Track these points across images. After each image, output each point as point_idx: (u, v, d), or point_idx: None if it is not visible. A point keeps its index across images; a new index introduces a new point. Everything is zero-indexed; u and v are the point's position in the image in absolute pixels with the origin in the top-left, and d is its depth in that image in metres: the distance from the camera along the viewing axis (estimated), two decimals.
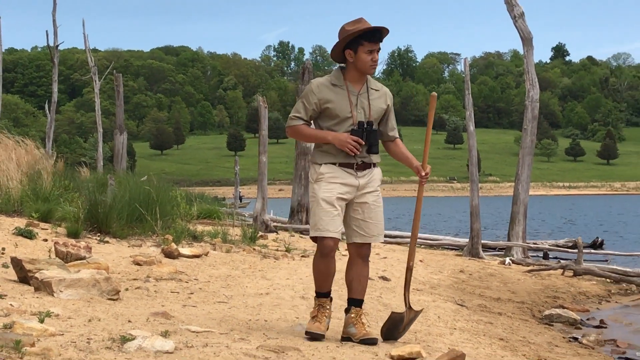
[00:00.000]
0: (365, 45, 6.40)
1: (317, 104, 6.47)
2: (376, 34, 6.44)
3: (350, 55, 6.47)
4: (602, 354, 9.64)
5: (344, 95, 6.47)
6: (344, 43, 6.46)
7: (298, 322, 7.35)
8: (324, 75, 6.62)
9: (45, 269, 7.53)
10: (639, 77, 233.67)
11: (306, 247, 16.14)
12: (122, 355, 5.10)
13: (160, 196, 13.91)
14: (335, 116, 6.47)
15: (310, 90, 6.51)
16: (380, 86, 6.72)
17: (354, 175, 6.47)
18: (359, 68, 6.48)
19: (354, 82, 6.53)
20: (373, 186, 6.56)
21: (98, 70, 43.51)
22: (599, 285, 16.11)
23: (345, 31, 6.44)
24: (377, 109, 6.58)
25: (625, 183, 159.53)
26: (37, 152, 16.76)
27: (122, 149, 33.48)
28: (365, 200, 6.52)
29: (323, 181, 6.45)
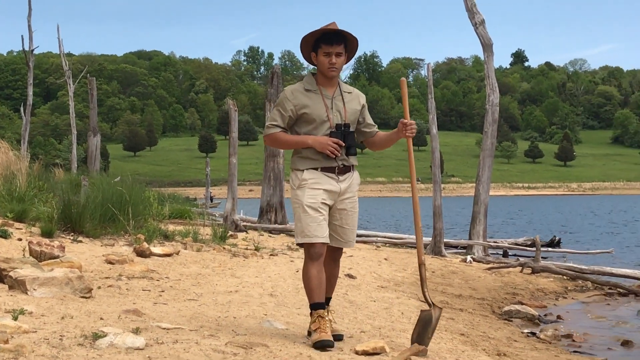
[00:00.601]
0: (322, 47, 6.29)
1: (293, 111, 6.33)
2: (332, 36, 6.29)
3: (314, 58, 6.40)
4: (559, 349, 9.69)
5: (318, 99, 6.35)
6: (304, 46, 6.40)
7: (266, 318, 7.34)
8: (294, 80, 6.49)
9: (19, 267, 7.49)
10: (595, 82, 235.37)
11: (275, 246, 16.13)
12: (93, 351, 5.08)
13: (133, 196, 13.84)
14: (312, 121, 6.34)
15: (285, 98, 6.37)
16: (351, 89, 6.62)
17: (336, 179, 6.35)
18: (320, 71, 6.40)
19: (326, 86, 6.41)
20: (352, 191, 6.46)
21: (72, 74, 43.37)
22: (556, 282, 16.20)
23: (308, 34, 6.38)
24: (352, 110, 6.47)
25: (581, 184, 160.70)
26: (12, 153, 16.65)
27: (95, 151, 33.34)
28: (343, 207, 6.42)
29: (306, 187, 6.30)
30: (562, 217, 52.26)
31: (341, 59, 6.34)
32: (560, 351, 9.45)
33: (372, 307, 9.42)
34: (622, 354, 9.92)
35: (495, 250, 22.36)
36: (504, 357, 7.83)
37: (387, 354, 6.11)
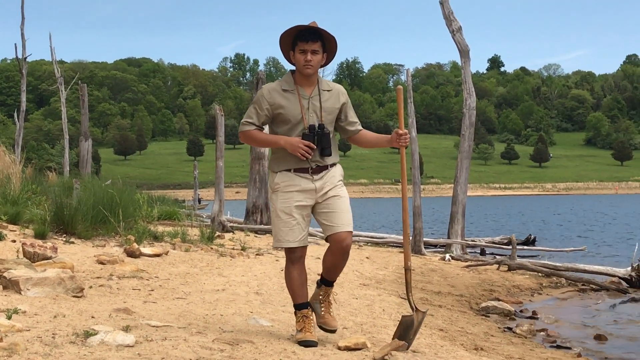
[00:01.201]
0: (299, 45, 6.07)
1: (268, 110, 6.14)
2: (308, 34, 6.07)
3: (292, 57, 6.19)
4: (534, 343, 9.73)
5: (295, 100, 6.13)
6: (283, 45, 6.22)
7: (252, 316, 7.34)
8: (276, 81, 6.42)
9: (13, 268, 7.48)
10: (568, 86, 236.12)
11: (260, 245, 16.12)
12: (85, 349, 5.07)
13: (123, 199, 13.83)
14: (287, 121, 6.13)
15: (262, 96, 6.18)
16: (332, 86, 6.34)
17: (310, 179, 6.13)
18: (297, 69, 6.16)
19: (304, 85, 6.18)
20: (333, 182, 6.18)
21: (64, 80, 43.21)
22: (532, 279, 16.24)
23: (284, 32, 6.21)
24: (330, 109, 6.22)
25: (555, 184, 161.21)
26: (6, 158, 16.59)
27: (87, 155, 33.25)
28: (328, 195, 6.15)
29: (279, 191, 6.17)
30: (537, 216, 52.38)
31: (317, 57, 6.11)
32: (535, 345, 9.48)
33: (354, 304, 9.43)
34: (595, 347, 9.96)
35: (473, 249, 22.40)
36: (481, 351, 7.85)
37: (368, 349, 6.12)
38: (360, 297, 10.23)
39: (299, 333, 6.21)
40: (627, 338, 10.69)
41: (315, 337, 6.18)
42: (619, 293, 15.22)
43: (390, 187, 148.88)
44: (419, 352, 6.32)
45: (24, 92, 37.00)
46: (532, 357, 8.09)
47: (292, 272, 6.28)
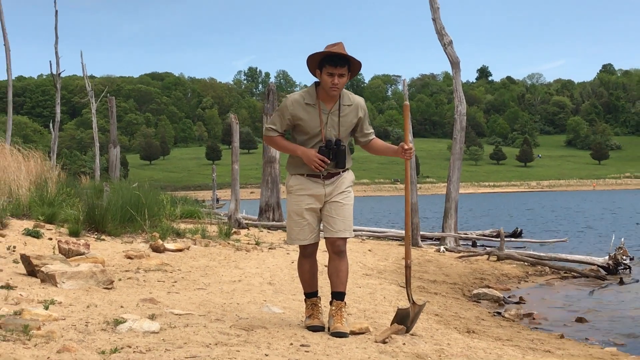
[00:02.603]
0: (327, 67, 5.89)
1: (290, 120, 6.04)
2: (337, 59, 5.89)
3: (318, 75, 6.01)
4: (521, 326, 9.71)
5: (315, 114, 5.99)
6: (311, 62, 6.03)
7: (265, 304, 7.34)
8: (299, 91, 6.33)
9: (50, 263, 7.49)
10: (550, 93, 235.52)
11: (273, 240, 16.12)
12: (115, 335, 5.08)
13: (149, 200, 13.86)
14: (306, 132, 6.03)
15: (285, 106, 6.06)
16: (352, 100, 6.18)
17: (322, 184, 6.08)
18: (323, 87, 5.99)
19: (326, 100, 6.03)
20: (341, 188, 6.12)
21: (94, 93, 43.23)
22: (519, 268, 16.21)
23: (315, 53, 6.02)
24: (347, 124, 6.11)
25: (539, 182, 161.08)
26: (43, 164, 16.62)
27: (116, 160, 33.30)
28: (334, 200, 6.09)
29: (292, 194, 6.13)
30: (524, 211, 52.31)
31: (343, 80, 5.96)
32: (522, 328, 9.47)
33: (358, 293, 9.42)
34: (576, 329, 9.94)
35: (465, 241, 22.37)
36: (473, 334, 7.83)
37: (371, 333, 6.13)
38: (363, 286, 10.23)
39: (307, 319, 6.22)
40: (605, 320, 10.68)
41: (322, 322, 6.17)
42: (597, 280, 15.19)
43: (390, 186, 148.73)
44: (417, 335, 6.32)
45: (59, 105, 37.02)
46: (519, 338, 8.08)
47: (303, 265, 6.29)
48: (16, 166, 14.49)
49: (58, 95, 36.88)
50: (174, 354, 4.59)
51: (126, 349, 4.67)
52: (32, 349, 4.39)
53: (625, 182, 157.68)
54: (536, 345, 7.60)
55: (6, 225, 10.98)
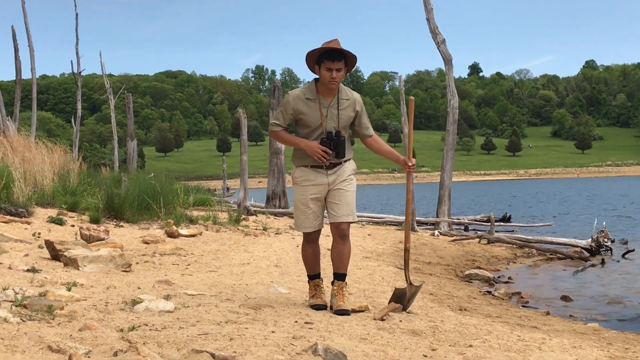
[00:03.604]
0: (325, 62, 5.89)
1: (292, 114, 6.03)
2: (334, 54, 5.88)
3: (317, 70, 5.99)
4: (510, 304, 9.72)
5: (315, 108, 5.98)
6: (309, 59, 6.03)
7: (272, 285, 7.35)
8: (301, 87, 6.34)
9: (72, 248, 7.51)
10: (537, 87, 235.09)
11: (279, 226, 16.13)
12: (132, 314, 5.10)
13: (164, 189, 13.86)
14: (308, 126, 6.02)
15: (287, 102, 6.05)
16: (350, 95, 6.15)
17: (325, 174, 6.06)
18: (321, 82, 5.99)
19: (325, 95, 6.01)
20: (343, 176, 6.11)
21: (113, 91, 43.21)
22: (507, 250, 16.22)
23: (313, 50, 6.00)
24: (346, 117, 6.08)
25: (527, 170, 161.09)
26: (66, 156, 16.62)
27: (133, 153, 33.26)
28: (337, 187, 6.08)
29: (298, 185, 6.12)
30: (512, 197, 52.30)
31: (341, 73, 5.94)
32: (510, 306, 9.48)
33: (358, 274, 9.43)
34: (561, 306, 9.95)
35: (458, 226, 22.37)
36: (465, 311, 7.84)
37: (369, 311, 6.14)
38: (363, 268, 10.24)
39: (311, 299, 6.27)
40: (588, 298, 10.69)
41: (324, 301, 6.22)
42: (580, 261, 15.20)
43: (388, 175, 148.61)
44: (413, 312, 6.33)
45: (80, 101, 37.03)
46: (508, 315, 8.09)
47: (307, 249, 6.30)
48: (40, 158, 14.48)
49: (79, 92, 36.90)
50: (187, 332, 4.60)
51: (143, 327, 4.68)
52: (56, 328, 4.41)
53: (607, 170, 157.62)
54: (524, 321, 7.61)
55: (32, 213, 10.99)
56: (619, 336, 7.27)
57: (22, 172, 12.66)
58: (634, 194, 52.46)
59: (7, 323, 4.33)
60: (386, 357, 4.54)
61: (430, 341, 5.20)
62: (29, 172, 13.22)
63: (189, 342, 4.29)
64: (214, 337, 4.48)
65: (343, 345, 4.62)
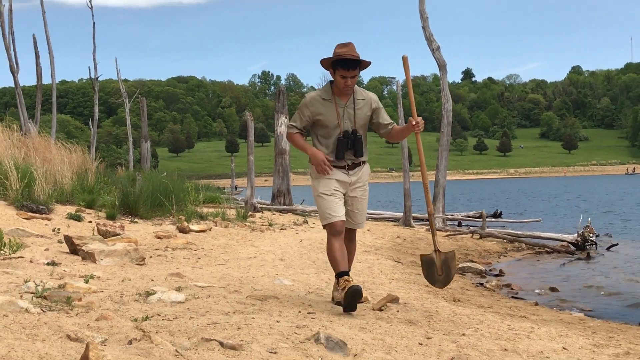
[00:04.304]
0: (340, 70, 5.66)
1: (309, 116, 5.80)
2: (348, 63, 5.64)
3: (332, 74, 5.77)
4: (500, 295, 9.72)
5: (332, 108, 5.75)
6: (324, 63, 5.80)
7: (277, 277, 7.35)
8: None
9: (89, 243, 7.52)
10: (526, 91, 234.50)
11: (284, 222, 16.13)
12: (146, 305, 5.10)
13: (175, 187, 13.88)
14: (325, 126, 5.79)
15: (304, 104, 5.82)
16: (365, 95, 5.93)
17: (346, 173, 5.83)
18: (337, 86, 5.78)
19: (341, 96, 5.79)
20: (362, 181, 5.92)
21: (128, 95, 43.25)
22: (498, 244, 16.22)
23: (329, 56, 5.76)
24: (363, 116, 5.85)
25: (517, 169, 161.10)
26: (84, 156, 16.63)
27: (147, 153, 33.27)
28: (354, 194, 5.87)
29: (320, 179, 5.80)
30: (503, 194, 52.27)
31: (355, 80, 5.74)
32: (501, 297, 9.48)
33: (358, 267, 9.43)
34: (549, 297, 9.95)
35: (452, 222, 22.34)
36: (458, 302, 7.84)
37: (369, 302, 6.14)
38: (363, 262, 10.24)
39: (337, 293, 5.73)
40: (574, 290, 10.69)
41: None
42: (567, 254, 15.20)
43: (386, 174, 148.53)
44: (409, 303, 6.33)
45: (97, 105, 37.07)
46: (498, 306, 8.08)
47: (334, 244, 5.75)
48: (60, 158, 14.49)
49: (96, 96, 36.94)
50: (197, 321, 4.60)
51: (156, 317, 4.68)
52: (74, 318, 4.41)
53: (592, 169, 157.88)
54: (513, 311, 7.60)
55: (52, 210, 11.00)
56: (603, 325, 7.27)
57: (43, 171, 12.66)
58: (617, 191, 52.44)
59: (29, 313, 4.34)
60: (384, 345, 4.54)
61: (426, 330, 5.20)
62: (49, 172, 13.21)
63: (199, 331, 4.30)
64: (223, 327, 4.48)
65: (344, 334, 4.62)
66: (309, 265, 8.98)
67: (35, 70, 25.78)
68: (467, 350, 4.67)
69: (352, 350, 4.28)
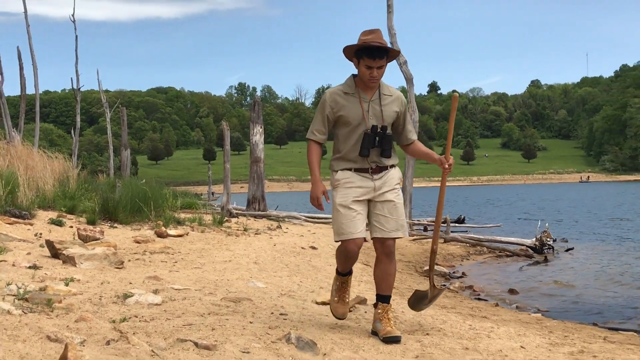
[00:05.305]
0: (364, 59, 4.75)
1: (330, 113, 4.86)
2: (375, 52, 4.73)
3: (356, 64, 4.87)
4: (463, 296, 9.77)
5: (355, 102, 4.83)
6: (347, 52, 4.89)
7: (251, 280, 7.32)
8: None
9: (70, 247, 7.44)
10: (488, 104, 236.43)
11: (258, 227, 16.08)
12: (124, 307, 5.06)
13: (154, 193, 13.78)
14: (348, 123, 4.84)
15: (324, 101, 4.92)
16: (393, 91, 5.03)
17: (370, 178, 4.87)
18: (361, 78, 4.86)
19: (365, 90, 4.88)
20: (391, 185, 4.94)
21: (109, 105, 43.00)
22: (462, 248, 16.30)
23: (354, 43, 4.85)
24: (390, 113, 4.93)
25: (480, 177, 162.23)
26: (66, 164, 16.47)
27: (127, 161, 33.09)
28: (386, 198, 4.90)
29: (340, 187, 4.86)
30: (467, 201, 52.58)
31: (382, 71, 4.83)
32: (464, 298, 9.53)
33: (329, 270, 9.43)
34: (508, 298, 10.02)
35: (418, 226, 22.45)
36: None
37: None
38: (334, 265, 10.19)
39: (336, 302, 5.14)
40: (532, 291, 10.78)
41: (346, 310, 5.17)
42: (526, 258, 15.32)
43: None
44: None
45: (79, 114, 36.77)
46: (461, 307, 8.12)
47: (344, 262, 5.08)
48: (42, 166, 14.35)
49: (78, 106, 36.66)
50: (173, 322, 4.57)
51: (133, 319, 4.64)
52: (54, 319, 4.37)
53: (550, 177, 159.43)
54: (475, 312, 7.65)
55: (34, 215, 10.88)
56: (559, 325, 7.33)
57: (26, 178, 12.54)
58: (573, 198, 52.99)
59: (10, 315, 4.28)
60: (352, 344, 4.54)
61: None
62: (32, 179, 13.08)
63: (175, 332, 4.27)
64: (198, 328, 4.45)
65: (314, 334, 4.62)
66: (281, 268, 8.97)
67: (19, 81, 25.54)
68: (430, 349, 4.68)
69: (322, 349, 4.28)
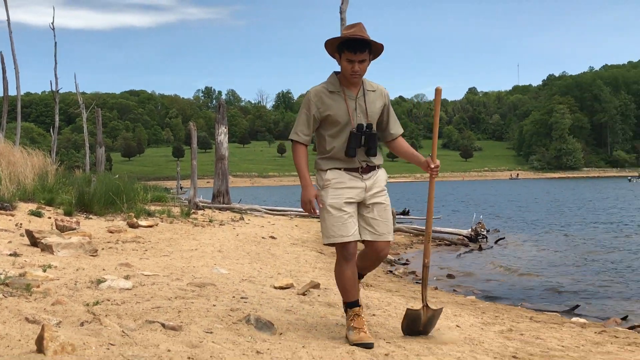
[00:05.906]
0: (346, 53, 4.14)
1: (317, 113, 4.24)
2: (356, 44, 4.13)
3: (338, 60, 4.26)
4: (407, 281, 9.86)
5: (341, 101, 4.23)
6: (329, 47, 4.27)
7: (215, 267, 7.29)
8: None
9: (48, 236, 7.33)
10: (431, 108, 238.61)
11: (222, 219, 16.00)
12: (97, 291, 5.00)
13: (127, 187, 13.64)
14: (336, 123, 4.24)
15: (309, 100, 4.26)
16: (376, 86, 4.39)
17: (360, 178, 4.30)
18: (343, 75, 4.24)
19: (350, 87, 4.26)
20: (380, 186, 4.39)
21: (85, 106, 42.30)
22: (406, 238, 16.43)
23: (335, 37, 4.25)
24: (376, 110, 4.36)
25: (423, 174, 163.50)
26: (45, 160, 16.18)
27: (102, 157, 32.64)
28: (375, 200, 4.31)
29: (330, 187, 4.24)
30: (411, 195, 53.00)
31: (364, 65, 4.19)
32: (407, 282, 9.61)
33: (286, 257, 9.44)
34: (446, 283, 10.14)
35: None
36: (370, 287, 7.92)
37: (294, 288, 6.14)
38: (290, 253, 10.24)
39: (353, 333, 4.18)
40: (468, 276, 10.91)
41: (371, 337, 4.18)
42: (463, 246, 15.51)
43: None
44: (329, 288, 6.35)
45: (57, 114, 36.18)
46: (404, 290, 8.19)
47: (345, 270, 4.28)
48: (23, 162, 14.08)
49: (57, 107, 36.07)
50: (143, 305, 4.53)
51: (106, 302, 4.59)
52: (32, 302, 4.30)
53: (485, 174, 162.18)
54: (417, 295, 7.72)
55: (15, 207, 10.68)
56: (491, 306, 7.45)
57: (8, 173, 12.30)
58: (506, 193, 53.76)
59: None
60: (306, 324, 4.56)
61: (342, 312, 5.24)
62: (13, 173, 12.82)
63: (144, 314, 4.24)
64: (165, 310, 4.42)
65: (271, 316, 4.62)
66: (243, 256, 8.94)
67: (2, 84, 25.04)
68: (376, 328, 4.72)
69: (279, 329, 4.28)
